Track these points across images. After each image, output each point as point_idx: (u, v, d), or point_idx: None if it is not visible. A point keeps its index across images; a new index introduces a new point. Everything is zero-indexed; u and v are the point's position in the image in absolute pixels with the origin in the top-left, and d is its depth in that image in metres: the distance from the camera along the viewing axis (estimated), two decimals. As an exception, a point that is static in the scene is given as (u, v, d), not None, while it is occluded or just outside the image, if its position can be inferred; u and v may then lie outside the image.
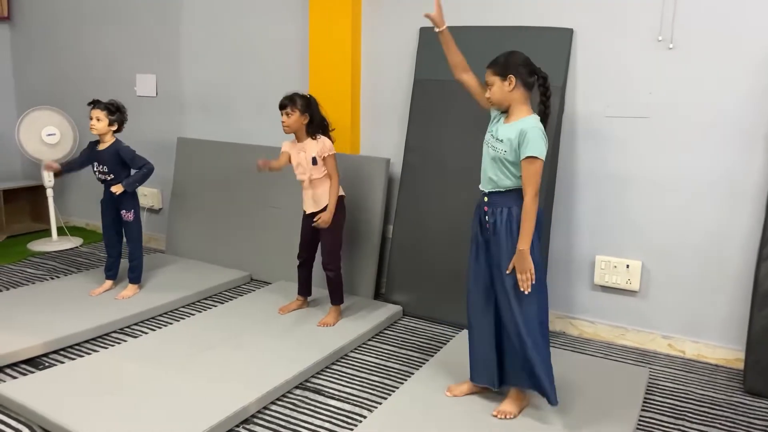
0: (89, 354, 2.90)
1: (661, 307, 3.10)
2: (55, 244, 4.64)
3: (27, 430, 2.31)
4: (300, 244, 3.30)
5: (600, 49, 3.07)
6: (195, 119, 4.49)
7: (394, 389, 2.66)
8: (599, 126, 3.11)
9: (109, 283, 3.61)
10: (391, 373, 2.83)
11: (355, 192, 3.56)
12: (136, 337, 3.12)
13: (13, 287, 3.76)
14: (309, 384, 2.71)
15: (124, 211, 3.47)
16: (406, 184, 3.54)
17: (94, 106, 3.38)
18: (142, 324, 3.29)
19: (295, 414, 2.47)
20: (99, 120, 3.36)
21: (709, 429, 2.42)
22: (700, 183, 2.94)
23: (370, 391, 2.67)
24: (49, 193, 4.58)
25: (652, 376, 2.83)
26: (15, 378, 2.68)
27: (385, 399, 2.56)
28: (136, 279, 3.58)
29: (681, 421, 2.47)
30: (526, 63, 2.22)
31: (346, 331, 3.11)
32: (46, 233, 4.81)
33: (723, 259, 2.94)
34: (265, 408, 2.50)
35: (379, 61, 3.70)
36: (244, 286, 3.90)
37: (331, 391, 2.66)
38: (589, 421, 2.36)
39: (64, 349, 2.97)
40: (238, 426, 2.37)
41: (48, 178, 4.53)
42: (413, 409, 2.44)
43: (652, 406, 2.59)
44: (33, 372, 2.73)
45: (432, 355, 2.96)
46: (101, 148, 3.42)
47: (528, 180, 2.17)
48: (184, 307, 3.54)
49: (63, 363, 2.80)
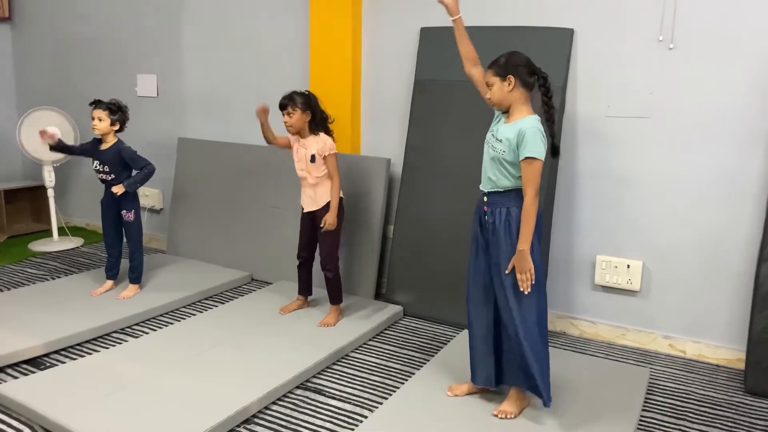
0: (90, 354, 2.91)
1: (661, 307, 3.10)
2: (55, 244, 4.64)
3: (28, 430, 2.32)
4: (299, 244, 3.30)
5: (600, 49, 3.07)
6: (196, 120, 4.49)
7: (394, 389, 2.66)
8: (600, 126, 3.11)
9: (110, 283, 3.61)
10: (392, 373, 2.83)
11: (356, 192, 3.57)
12: (137, 337, 3.12)
13: (14, 287, 3.77)
14: (310, 384, 2.71)
15: (125, 211, 3.47)
16: (406, 184, 3.54)
17: (95, 106, 3.38)
18: (143, 324, 3.30)
19: (295, 414, 2.48)
20: (101, 120, 3.36)
21: (709, 429, 2.42)
22: (700, 183, 2.94)
23: (371, 391, 2.67)
24: (50, 193, 4.59)
25: (652, 376, 2.83)
26: (16, 378, 2.68)
27: (386, 399, 2.57)
28: (136, 279, 3.59)
29: (682, 422, 2.47)
30: (526, 63, 2.21)
31: (347, 331, 3.11)
32: (47, 233, 4.82)
33: (724, 260, 2.94)
34: (266, 408, 2.50)
35: (379, 61, 3.70)
36: (244, 286, 3.90)
37: (331, 391, 2.66)
38: (589, 421, 2.36)
39: (65, 349, 2.97)
40: (239, 426, 2.37)
41: (49, 179, 4.54)
42: (414, 409, 2.44)
43: (653, 406, 2.59)
44: (34, 372, 2.73)
45: (433, 355, 2.96)
46: (103, 147, 3.42)
47: (528, 180, 2.17)
48: (184, 307, 3.55)
49: (64, 363, 2.80)
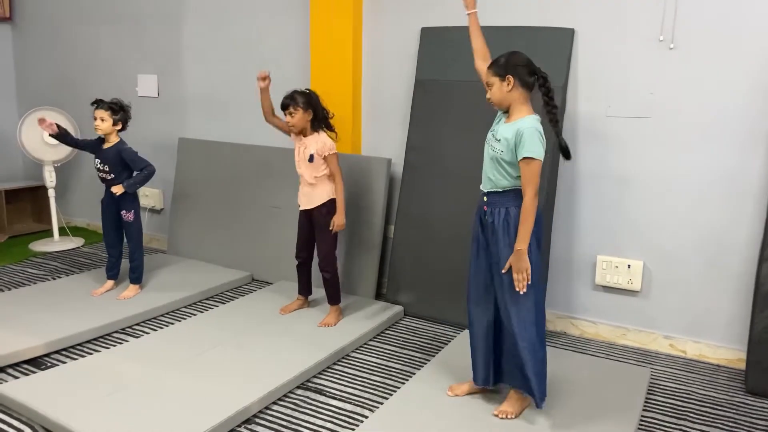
0: (91, 354, 2.91)
1: (662, 307, 3.10)
2: (56, 244, 4.65)
3: (29, 430, 2.32)
4: (297, 243, 3.29)
5: (601, 49, 3.07)
6: (196, 120, 4.49)
7: (395, 389, 2.66)
8: (600, 126, 3.11)
9: (110, 283, 3.61)
10: (393, 373, 2.83)
11: (357, 192, 3.57)
12: (137, 337, 3.12)
13: (14, 287, 3.77)
14: (310, 384, 2.71)
15: (124, 211, 3.47)
16: (407, 184, 3.54)
17: (97, 106, 3.39)
18: (143, 324, 3.30)
19: (296, 414, 2.48)
20: (103, 120, 3.36)
21: (710, 429, 2.42)
22: (701, 183, 2.94)
23: (372, 391, 2.67)
24: (51, 193, 4.59)
25: (653, 377, 2.83)
26: (17, 378, 2.68)
27: (387, 399, 2.57)
28: (137, 279, 3.59)
29: (682, 422, 2.47)
30: (526, 63, 2.21)
31: (348, 331, 3.11)
32: (48, 233, 4.82)
33: (724, 260, 2.93)
34: (267, 408, 2.50)
35: (380, 61, 3.70)
36: (245, 287, 3.90)
37: (332, 391, 2.66)
38: (590, 421, 2.36)
39: (65, 349, 2.97)
40: (239, 426, 2.37)
41: (50, 179, 4.55)
42: (415, 409, 2.44)
43: (654, 406, 2.59)
44: (35, 372, 2.73)
45: (433, 355, 2.96)
46: (105, 146, 3.43)
47: (527, 181, 2.16)
48: (185, 307, 3.55)
49: (65, 363, 2.80)
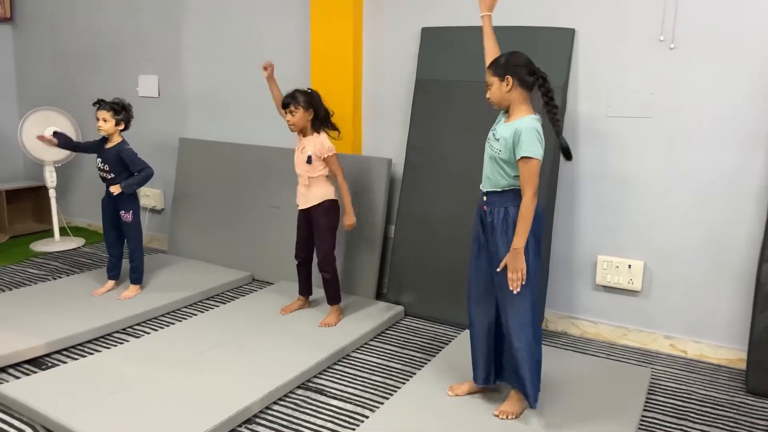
0: (92, 354, 2.91)
1: (663, 307, 3.10)
2: (57, 244, 4.65)
3: (30, 430, 2.32)
4: (296, 243, 3.29)
5: (601, 49, 3.07)
6: (197, 120, 4.49)
7: (396, 389, 2.66)
8: (601, 126, 3.11)
9: (111, 283, 3.61)
10: (393, 373, 2.83)
11: (357, 192, 3.56)
12: (138, 337, 3.12)
13: (15, 287, 3.77)
14: (311, 384, 2.71)
15: (123, 211, 3.48)
16: (407, 184, 3.54)
17: (99, 106, 3.39)
18: (144, 324, 3.30)
19: (297, 414, 2.48)
20: (106, 121, 3.37)
21: (711, 429, 2.42)
22: (702, 183, 2.94)
23: (372, 391, 2.67)
24: (52, 193, 4.60)
25: (654, 377, 2.83)
26: (18, 378, 2.68)
27: (387, 399, 2.57)
28: (137, 279, 3.59)
29: (683, 422, 2.47)
30: (525, 63, 2.21)
31: (348, 331, 3.11)
32: (49, 233, 4.82)
33: (725, 260, 2.93)
34: (268, 408, 2.50)
35: (380, 61, 3.70)
36: (245, 287, 3.90)
37: (333, 391, 2.66)
38: (590, 421, 2.36)
39: (66, 349, 2.97)
40: (240, 426, 2.37)
41: (50, 179, 4.55)
42: (415, 409, 2.44)
43: (655, 406, 2.59)
44: (36, 372, 2.73)
45: (434, 356, 2.96)
46: (108, 146, 3.44)
47: (525, 180, 2.17)
48: (186, 307, 3.55)
49: (65, 363, 2.80)
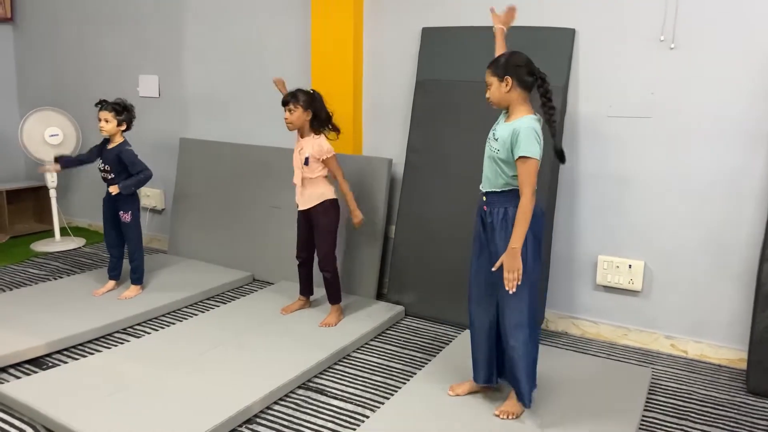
0: (92, 354, 2.91)
1: (663, 307, 3.10)
2: (58, 244, 4.65)
3: (31, 430, 2.32)
4: (297, 243, 3.29)
5: (602, 49, 3.07)
6: (197, 120, 4.49)
7: (396, 389, 2.66)
8: (601, 126, 3.11)
9: (112, 284, 3.62)
10: (394, 373, 2.83)
11: (358, 192, 3.55)
12: (138, 337, 3.12)
13: (16, 287, 3.77)
14: (312, 384, 2.71)
15: (122, 212, 3.48)
16: (408, 185, 3.54)
17: (101, 107, 3.39)
18: (144, 324, 3.30)
19: (297, 414, 2.48)
20: (107, 121, 3.37)
21: (712, 429, 2.42)
22: (702, 183, 2.93)
23: (373, 390, 2.67)
24: (52, 193, 4.60)
25: (654, 376, 2.83)
26: (19, 378, 2.68)
27: (388, 399, 2.57)
28: (137, 280, 3.59)
29: (684, 421, 2.47)
30: (525, 64, 2.21)
31: (349, 331, 3.11)
32: (49, 234, 4.82)
33: (726, 260, 2.93)
34: (268, 408, 2.50)
35: (381, 61, 3.70)
36: (246, 287, 3.90)
37: (333, 391, 2.66)
38: (591, 421, 2.36)
39: (67, 349, 2.97)
40: (240, 426, 2.37)
41: (51, 179, 4.55)
42: (416, 409, 2.44)
43: (655, 406, 2.59)
44: (36, 372, 2.73)
45: (434, 355, 2.96)
46: (109, 147, 3.45)
47: (523, 180, 2.17)
48: (186, 307, 3.55)
49: (66, 363, 2.80)
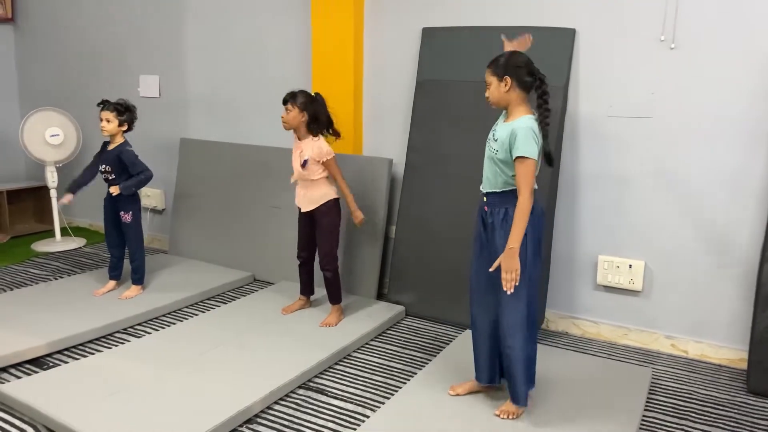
0: (93, 354, 2.91)
1: (664, 307, 3.10)
2: (58, 244, 4.65)
3: (31, 430, 2.32)
4: (298, 243, 3.29)
5: (602, 49, 3.07)
6: (198, 120, 4.50)
7: (397, 389, 2.66)
8: (601, 126, 3.11)
9: (112, 284, 3.62)
10: (394, 373, 2.83)
11: (358, 192, 3.55)
12: (139, 337, 3.13)
13: (16, 287, 3.77)
14: (312, 384, 2.71)
15: (122, 212, 3.48)
16: (408, 185, 3.54)
17: (103, 107, 3.40)
18: (145, 324, 3.30)
19: (298, 414, 2.48)
20: (109, 122, 3.38)
21: (712, 429, 2.42)
22: (703, 183, 2.93)
23: (373, 390, 2.67)
24: (53, 193, 4.60)
25: (655, 376, 2.83)
26: (19, 378, 2.69)
27: (388, 399, 2.57)
28: (138, 280, 3.59)
29: (684, 421, 2.47)
30: (525, 64, 2.21)
31: (349, 331, 3.11)
32: (50, 234, 4.82)
33: (726, 259, 2.93)
34: (269, 408, 2.51)
35: (381, 61, 3.71)
36: (246, 287, 3.91)
37: (334, 390, 2.67)
38: (592, 421, 2.36)
39: (67, 349, 2.98)
40: (241, 426, 2.38)
41: (52, 179, 4.55)
42: (416, 409, 2.44)
43: (656, 406, 2.59)
44: (37, 372, 2.74)
45: (435, 355, 2.96)
46: (110, 147, 3.45)
47: (521, 180, 2.17)
48: (187, 307, 3.55)
49: (67, 363, 2.81)
